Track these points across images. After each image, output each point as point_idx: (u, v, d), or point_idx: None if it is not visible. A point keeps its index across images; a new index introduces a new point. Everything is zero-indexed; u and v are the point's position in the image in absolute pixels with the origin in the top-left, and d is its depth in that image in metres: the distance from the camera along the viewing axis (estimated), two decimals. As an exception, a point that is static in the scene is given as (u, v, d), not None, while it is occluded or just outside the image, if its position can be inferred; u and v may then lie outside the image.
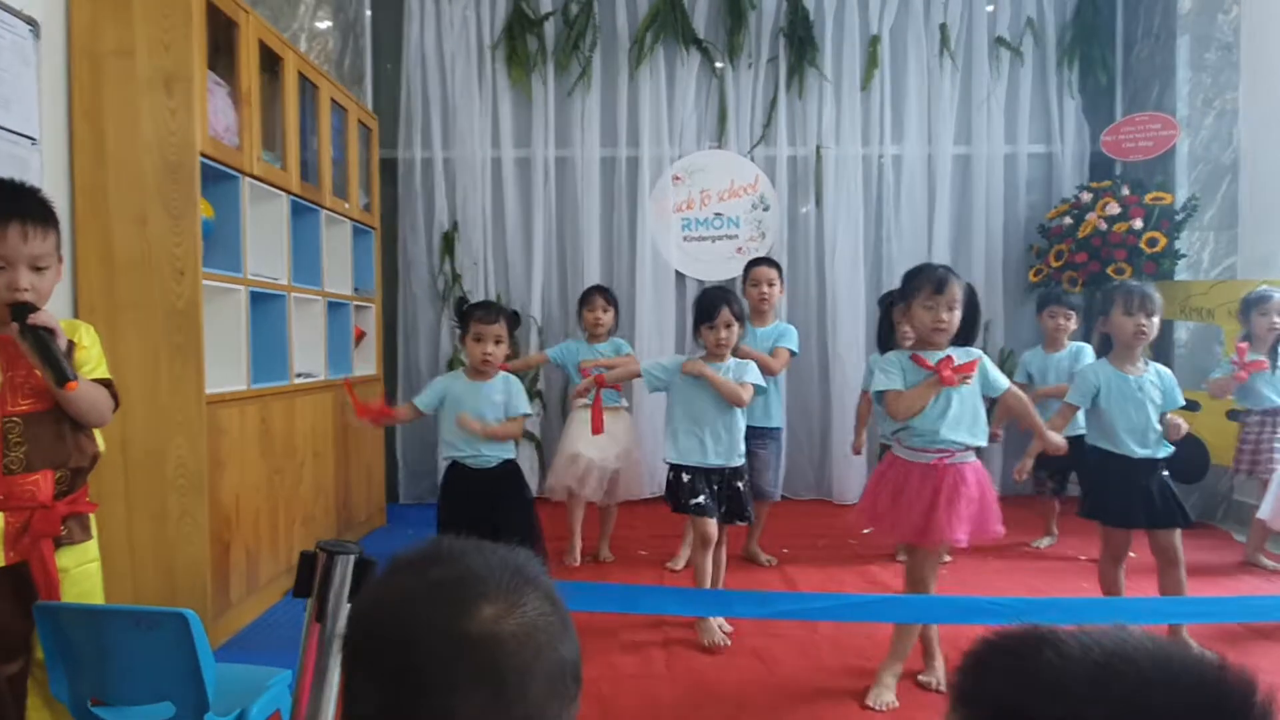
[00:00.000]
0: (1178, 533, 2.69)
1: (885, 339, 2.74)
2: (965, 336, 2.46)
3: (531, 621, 0.69)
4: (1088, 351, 3.81)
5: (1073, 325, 3.90)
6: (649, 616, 2.93)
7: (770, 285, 3.61)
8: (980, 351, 2.50)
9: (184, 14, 2.63)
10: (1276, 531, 3.54)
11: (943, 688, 2.47)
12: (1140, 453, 2.66)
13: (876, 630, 2.78)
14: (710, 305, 2.86)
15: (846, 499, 4.98)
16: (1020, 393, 2.62)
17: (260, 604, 3.12)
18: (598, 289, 3.93)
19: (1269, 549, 3.69)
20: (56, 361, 1.53)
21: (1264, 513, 3.36)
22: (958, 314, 2.40)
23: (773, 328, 3.66)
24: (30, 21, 2.47)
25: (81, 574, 1.67)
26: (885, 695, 2.39)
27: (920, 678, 2.51)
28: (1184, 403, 2.76)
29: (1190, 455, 4.06)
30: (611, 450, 3.61)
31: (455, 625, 0.67)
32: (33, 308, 1.55)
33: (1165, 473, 2.68)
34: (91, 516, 1.71)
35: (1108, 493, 2.71)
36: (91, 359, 1.69)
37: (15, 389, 1.59)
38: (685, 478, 2.84)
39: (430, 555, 0.74)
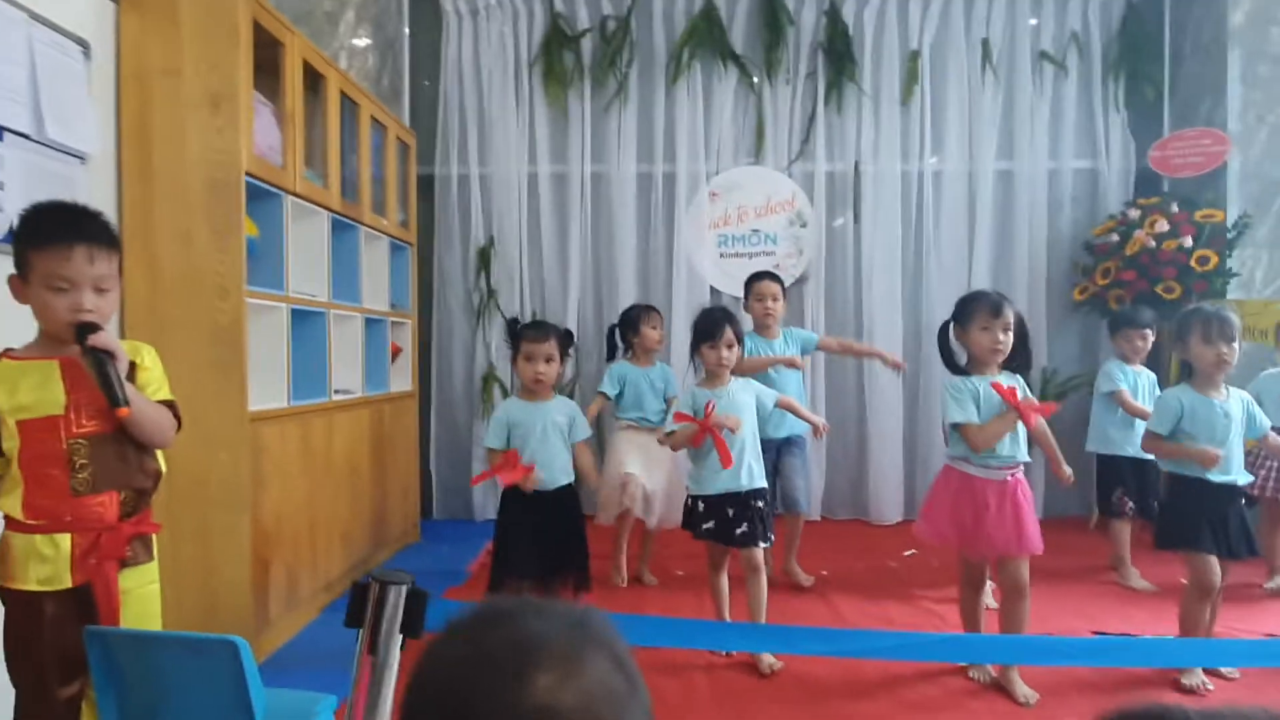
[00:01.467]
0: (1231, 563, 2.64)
1: (949, 358, 2.72)
2: (1018, 361, 2.62)
3: (593, 690, 0.64)
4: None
5: (1149, 343, 3.80)
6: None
7: (775, 300, 3.61)
8: (1020, 379, 2.64)
9: (231, 34, 2.65)
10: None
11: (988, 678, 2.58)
12: (1221, 479, 2.58)
13: (927, 664, 2.72)
14: (713, 324, 2.84)
15: (885, 519, 4.91)
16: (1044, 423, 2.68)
17: (298, 622, 3.11)
18: (654, 307, 3.88)
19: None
20: (111, 385, 1.53)
21: None
22: (1011, 337, 2.55)
23: (783, 339, 3.66)
24: (81, 42, 2.49)
25: (143, 595, 1.66)
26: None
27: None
28: (1269, 428, 2.70)
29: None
30: (657, 472, 3.58)
31: (511, 697, 0.62)
32: (95, 328, 1.56)
33: (1244, 501, 2.62)
34: (154, 537, 1.71)
35: (1191, 519, 2.60)
36: (153, 380, 1.69)
37: (80, 411, 1.59)
38: (700, 506, 2.85)
39: (486, 618, 0.69)
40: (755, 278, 3.70)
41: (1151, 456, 2.87)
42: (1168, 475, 2.71)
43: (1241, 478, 2.61)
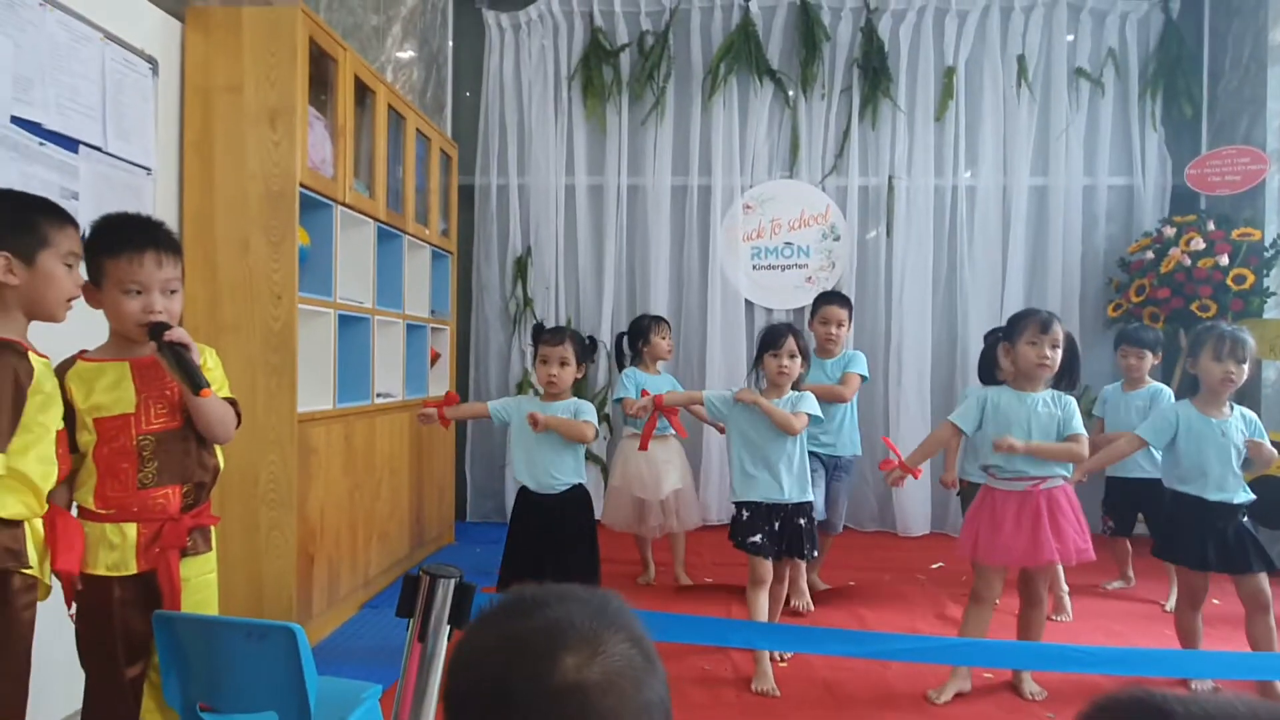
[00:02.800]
0: (1263, 577, 2.63)
1: (986, 372, 2.83)
2: (1066, 379, 2.67)
3: (615, 667, 0.70)
4: (1166, 395, 3.65)
5: (1147, 365, 3.72)
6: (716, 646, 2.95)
7: (840, 326, 3.59)
8: (1070, 397, 2.66)
9: (289, 52, 2.78)
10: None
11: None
12: (1216, 497, 2.63)
13: (948, 669, 2.76)
14: (776, 335, 2.91)
15: (911, 532, 4.92)
16: (1077, 446, 2.61)
17: (339, 617, 3.22)
18: (664, 318, 4.04)
19: None
20: (191, 370, 1.64)
21: None
22: (1060, 354, 2.59)
23: (840, 358, 3.64)
24: (150, 60, 2.63)
25: (201, 584, 1.77)
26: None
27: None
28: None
29: (1275, 499, 3.91)
30: (666, 484, 3.65)
31: (541, 679, 0.68)
32: (167, 326, 1.67)
33: (1244, 518, 2.64)
34: (213, 529, 1.81)
35: (1181, 534, 2.69)
36: (216, 379, 1.79)
37: (149, 409, 1.71)
38: (745, 515, 2.83)
39: (513, 607, 0.76)
40: (823, 299, 3.68)
41: (1145, 476, 2.94)
42: (1169, 492, 2.77)
43: (1239, 496, 2.63)
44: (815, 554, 2.96)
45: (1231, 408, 2.70)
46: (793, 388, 2.91)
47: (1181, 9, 4.96)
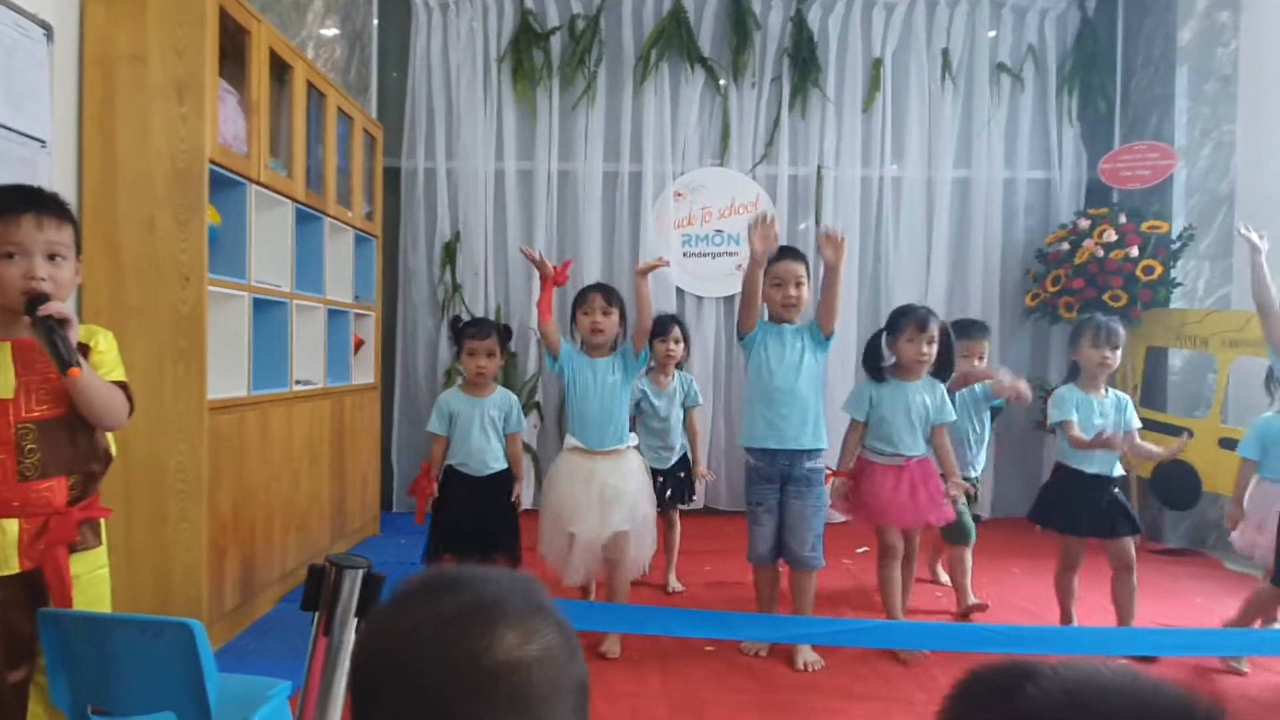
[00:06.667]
0: (1129, 540, 2.90)
1: (871, 365, 3.07)
2: (942, 367, 3.02)
3: (547, 645, 0.69)
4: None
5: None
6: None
7: (799, 285, 2.89)
8: (940, 384, 3.02)
9: (198, 21, 2.65)
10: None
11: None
12: (1093, 470, 2.90)
13: (868, 651, 2.81)
14: (661, 324, 3.51)
15: (834, 517, 4.97)
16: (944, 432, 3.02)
17: (253, 611, 3.12)
18: (599, 287, 3.11)
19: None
20: (57, 348, 1.51)
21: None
22: (935, 348, 2.93)
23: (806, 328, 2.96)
24: (44, 25, 2.48)
25: (92, 580, 1.66)
26: None
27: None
28: (1140, 425, 3.01)
29: (1182, 483, 4.09)
30: (611, 518, 2.83)
31: (482, 655, 0.66)
32: (45, 298, 1.54)
33: (1116, 490, 2.92)
34: (103, 522, 1.71)
35: (1058, 502, 2.98)
36: (107, 363, 1.69)
37: (30, 394, 1.59)
38: (658, 480, 3.41)
39: (438, 585, 0.72)
40: (775, 256, 2.93)
41: None
42: (1055, 463, 3.06)
43: (1115, 470, 2.92)
44: (692, 499, 3.52)
45: (1107, 390, 2.99)
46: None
47: (1097, 7, 5.12)
